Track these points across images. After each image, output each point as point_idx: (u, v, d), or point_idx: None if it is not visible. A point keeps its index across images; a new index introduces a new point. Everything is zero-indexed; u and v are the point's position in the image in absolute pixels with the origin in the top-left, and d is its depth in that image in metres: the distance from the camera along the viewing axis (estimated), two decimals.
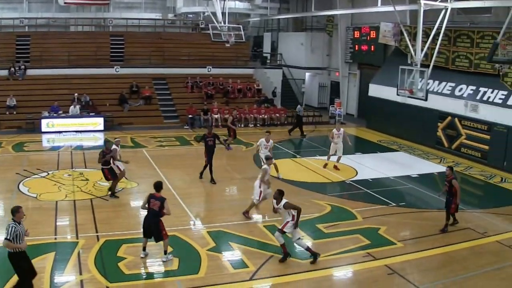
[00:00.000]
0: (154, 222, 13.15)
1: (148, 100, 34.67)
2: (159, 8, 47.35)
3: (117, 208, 17.31)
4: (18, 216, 10.79)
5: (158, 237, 13.27)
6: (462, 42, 27.90)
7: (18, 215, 10.80)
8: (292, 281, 12.61)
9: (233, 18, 46.30)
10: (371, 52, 37.07)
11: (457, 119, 27.40)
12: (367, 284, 12.67)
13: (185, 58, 39.26)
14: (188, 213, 17.09)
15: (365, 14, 36.71)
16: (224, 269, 13.13)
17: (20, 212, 10.83)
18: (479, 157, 25.94)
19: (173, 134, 30.31)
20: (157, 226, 13.17)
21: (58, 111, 30.57)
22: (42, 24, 41.80)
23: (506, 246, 15.32)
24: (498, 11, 26.87)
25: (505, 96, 25.13)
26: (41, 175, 20.77)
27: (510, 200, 20.28)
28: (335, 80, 42.58)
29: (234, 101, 36.33)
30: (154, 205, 13.10)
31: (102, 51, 37.93)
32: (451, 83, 28.50)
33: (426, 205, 19.29)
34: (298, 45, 44.98)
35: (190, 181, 20.84)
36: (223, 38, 33.24)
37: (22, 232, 10.76)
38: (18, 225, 10.68)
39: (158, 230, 13.19)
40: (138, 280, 12.30)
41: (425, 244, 15.20)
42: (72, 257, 13.20)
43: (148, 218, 13.23)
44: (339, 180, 22.18)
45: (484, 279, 13.13)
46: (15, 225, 10.62)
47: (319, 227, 16.22)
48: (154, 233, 13.23)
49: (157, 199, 13.18)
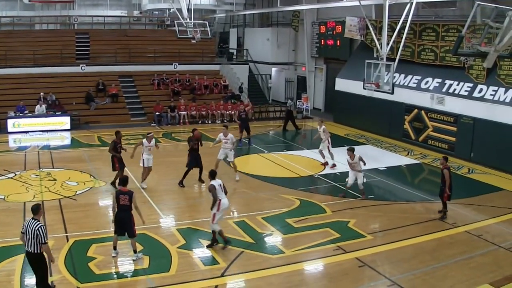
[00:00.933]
0: (127, 217, 13.01)
1: (114, 98, 34.35)
2: (125, 5, 46.92)
3: (85, 207, 17.11)
4: (40, 214, 10.81)
5: (131, 233, 13.12)
6: (427, 36, 28.23)
7: (40, 213, 10.84)
8: (264, 276, 12.61)
9: (199, 15, 46.14)
10: (337, 46, 37.26)
11: (423, 111, 27.74)
12: (338, 277, 12.74)
13: (151, 55, 39.05)
14: (157, 211, 16.99)
15: (331, 9, 36.87)
16: (195, 266, 13.09)
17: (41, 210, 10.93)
18: (446, 148, 26.28)
19: (141, 131, 30.02)
20: (130, 220, 13.04)
21: (24, 111, 30.07)
22: (7, 22, 41.05)
23: (475, 236, 15.57)
24: (462, 4, 27.30)
25: (471, 88, 25.52)
26: (8, 176, 20.40)
27: (478, 191, 20.64)
28: (302, 75, 42.74)
29: (201, 97, 36.26)
30: (123, 200, 12.94)
31: (67, 49, 37.40)
32: (417, 76, 28.83)
33: (394, 197, 19.51)
34: (264, 40, 45.01)
35: (158, 179, 20.69)
36: (189, 34, 33.05)
37: None
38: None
39: (131, 224, 13.07)
40: (109, 280, 12.17)
41: (395, 236, 15.36)
42: None
43: (120, 214, 13.03)
44: (307, 174, 22.26)
45: (454, 268, 13.31)
46: (43, 225, 10.65)
47: (288, 222, 16.27)
48: (128, 229, 13.06)
49: (125, 193, 13.03)
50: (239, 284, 12.40)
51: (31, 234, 10.47)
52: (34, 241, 10.50)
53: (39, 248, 10.56)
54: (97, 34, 41.02)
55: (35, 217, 10.68)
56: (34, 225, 10.49)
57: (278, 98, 44.33)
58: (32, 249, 10.59)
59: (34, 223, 10.52)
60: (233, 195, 19.11)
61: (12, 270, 12.24)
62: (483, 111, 24.44)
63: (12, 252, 13.24)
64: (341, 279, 12.64)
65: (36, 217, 10.69)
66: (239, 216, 16.77)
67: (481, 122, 24.52)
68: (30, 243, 10.57)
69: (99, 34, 41.25)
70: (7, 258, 12.82)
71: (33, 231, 10.45)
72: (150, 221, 15.92)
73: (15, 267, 12.43)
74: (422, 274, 12.91)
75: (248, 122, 28.60)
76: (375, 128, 31.12)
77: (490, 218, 17.21)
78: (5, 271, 12.18)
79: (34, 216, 10.69)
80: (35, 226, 10.48)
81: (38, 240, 10.47)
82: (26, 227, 10.58)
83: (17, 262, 12.65)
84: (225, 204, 14.26)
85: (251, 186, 20.00)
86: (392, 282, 12.39)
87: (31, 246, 10.59)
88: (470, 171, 23.51)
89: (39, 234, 10.44)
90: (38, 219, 10.69)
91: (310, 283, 12.60)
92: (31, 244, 10.56)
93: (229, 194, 19.12)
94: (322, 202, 18.23)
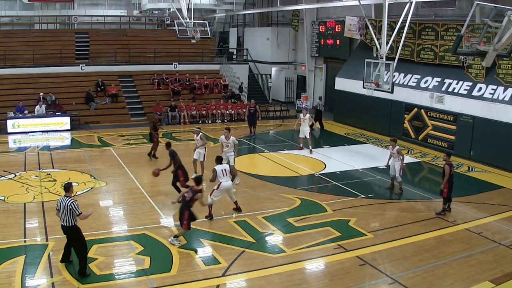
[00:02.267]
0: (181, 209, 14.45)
1: (114, 98, 34.37)
2: (124, 5, 46.95)
3: (86, 208, 16.96)
4: (71, 191, 12.42)
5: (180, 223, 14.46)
6: (426, 35, 28.25)
7: (71, 190, 12.47)
8: (265, 276, 12.63)
9: (198, 14, 46.17)
10: (337, 46, 37.29)
11: (423, 110, 27.78)
12: (339, 275, 12.77)
13: (151, 55, 39.06)
14: (157, 211, 17.01)
15: (331, 8, 36.96)
16: (196, 266, 13.10)
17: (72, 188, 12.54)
18: (445, 147, 26.31)
19: (141, 131, 30.06)
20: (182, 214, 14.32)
21: (24, 111, 30.07)
22: (6, 22, 41.04)
23: (475, 233, 15.63)
24: (461, 4, 27.38)
25: (470, 87, 25.55)
26: (8, 177, 20.39)
27: (477, 189, 20.68)
28: (302, 74, 42.79)
29: (201, 97, 36.27)
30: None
31: (67, 49, 37.38)
32: (416, 75, 28.86)
33: (394, 195, 19.52)
34: (264, 40, 45.04)
35: (158, 179, 20.66)
36: (189, 34, 33.04)
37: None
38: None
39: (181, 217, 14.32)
40: (110, 281, 12.16)
41: (395, 234, 15.41)
42: (43, 259, 13.00)
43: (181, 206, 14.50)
44: (308, 173, 22.29)
45: (454, 266, 13.34)
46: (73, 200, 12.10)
47: (289, 221, 16.29)
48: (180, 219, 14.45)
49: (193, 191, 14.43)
50: (241, 284, 12.41)
51: (65, 210, 11.91)
52: (68, 215, 11.94)
53: (72, 222, 12.03)
54: (97, 34, 41.00)
55: (67, 194, 12.20)
56: (66, 202, 11.90)
57: (278, 98, 44.38)
58: (66, 222, 12.06)
59: (66, 200, 11.95)
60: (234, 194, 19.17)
61: (13, 271, 12.24)
62: (482, 109, 24.48)
63: (13, 253, 13.25)
64: (342, 277, 12.67)
65: (68, 194, 12.20)
66: (240, 215, 16.78)
67: (480, 120, 24.56)
68: (64, 218, 12.01)
69: (99, 34, 41.22)
70: (7, 260, 12.81)
71: (66, 207, 11.87)
72: (151, 221, 16.01)
73: (16, 268, 12.42)
74: (423, 272, 12.95)
75: (255, 118, 29.92)
76: (375, 127, 31.16)
77: (489, 216, 17.28)
78: (5, 273, 12.17)
79: (66, 193, 12.23)
80: (67, 202, 11.88)
81: (71, 213, 11.91)
82: (60, 203, 12.05)
83: (18, 264, 12.66)
84: (224, 186, 16.24)
85: (252, 186, 20.03)
86: (393, 280, 12.43)
87: (64, 221, 12.05)
88: (469, 169, 23.55)
89: (72, 208, 11.88)
90: (70, 196, 12.18)
91: (311, 282, 12.61)
92: (65, 219, 12.02)
93: None
94: (322, 201, 18.27)
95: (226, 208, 17.14)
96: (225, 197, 16.84)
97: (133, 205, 17.37)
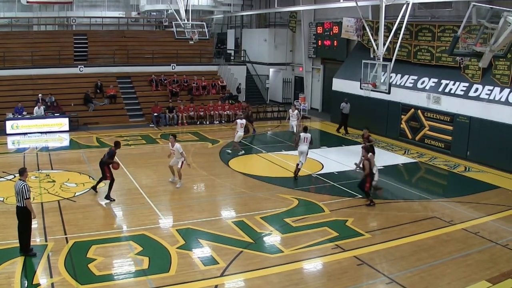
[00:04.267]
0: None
1: (113, 99, 34.43)
2: (122, 6, 47.04)
3: (85, 209, 17.17)
4: (25, 175, 13.53)
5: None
6: (423, 36, 28.35)
7: (26, 174, 13.57)
8: (263, 276, 12.70)
9: (196, 16, 46.19)
10: (334, 47, 37.35)
11: (420, 111, 27.89)
12: (337, 275, 12.84)
13: (149, 56, 39.10)
14: (156, 212, 17.07)
15: (328, 10, 37.00)
16: (195, 266, 13.16)
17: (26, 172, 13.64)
18: (442, 147, 26.46)
19: (139, 132, 30.16)
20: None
21: (22, 112, 30.10)
22: (5, 24, 41.11)
23: (472, 233, 15.71)
24: (458, 5, 27.48)
25: (466, 87, 25.67)
26: (7, 178, 20.43)
27: (474, 189, 20.78)
28: (299, 75, 42.88)
29: (199, 98, 36.33)
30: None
31: (65, 50, 37.37)
32: (413, 76, 28.97)
33: (391, 195, 19.63)
34: (261, 41, 45.13)
35: (157, 180, 20.81)
36: (186, 35, 33.08)
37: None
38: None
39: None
40: (109, 281, 12.22)
41: (392, 234, 15.50)
42: (42, 260, 13.07)
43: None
44: (305, 174, 22.37)
45: (451, 266, 13.42)
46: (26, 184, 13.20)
47: (287, 221, 16.36)
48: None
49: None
50: (239, 284, 12.49)
51: (18, 191, 13.07)
52: (20, 196, 13.06)
53: (23, 203, 13.07)
54: (95, 35, 41.03)
55: (21, 178, 13.38)
56: (20, 184, 13.07)
57: (275, 99, 44.47)
58: (19, 203, 13.15)
59: (20, 183, 13.12)
60: (231, 195, 19.28)
61: (12, 272, 12.30)
62: (479, 110, 24.59)
63: (12, 254, 13.29)
64: (340, 277, 12.74)
65: (22, 178, 13.38)
66: (237, 216, 16.87)
67: (477, 121, 24.67)
68: (18, 198, 13.15)
69: (97, 35, 41.25)
70: (6, 261, 12.86)
71: (19, 189, 13.03)
72: (149, 221, 16.07)
73: (15, 269, 12.48)
74: (420, 271, 13.03)
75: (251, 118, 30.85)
76: (372, 127, 31.02)
77: (486, 216, 17.36)
78: (5, 274, 12.22)
79: (21, 177, 13.42)
80: (20, 185, 13.05)
81: (22, 195, 13.00)
82: (15, 186, 13.22)
83: (17, 264, 12.72)
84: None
85: (250, 186, 20.10)
86: (391, 280, 12.51)
87: (19, 202, 13.14)
88: (466, 169, 23.66)
89: (23, 191, 13.00)
90: (24, 180, 13.30)
91: (309, 281, 12.68)
92: (18, 200, 13.13)
93: (227, 194, 19.46)
94: (320, 202, 18.35)
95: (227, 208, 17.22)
96: (226, 197, 16.90)
97: (132, 205, 17.43)
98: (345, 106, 31.45)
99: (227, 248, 14.18)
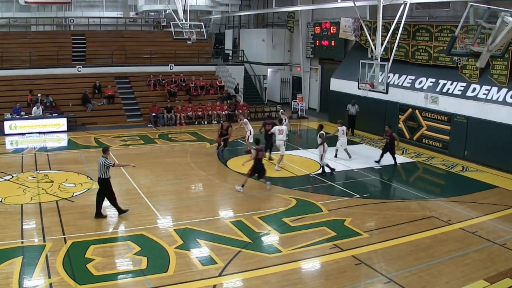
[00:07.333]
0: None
1: (111, 99, 34.43)
2: (121, 7, 47.07)
3: (83, 209, 17.15)
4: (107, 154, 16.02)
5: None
6: (421, 36, 28.39)
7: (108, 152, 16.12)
8: (261, 275, 12.71)
9: (194, 16, 46.29)
10: (332, 47, 37.40)
11: (417, 111, 27.92)
12: (335, 275, 12.85)
13: (147, 56, 39.10)
14: (154, 212, 17.08)
15: (326, 10, 37.07)
16: (193, 266, 13.16)
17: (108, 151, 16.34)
18: (440, 147, 26.50)
19: (137, 132, 30.16)
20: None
21: (20, 113, 30.09)
22: (3, 24, 41.14)
23: (470, 233, 15.73)
24: (456, 5, 27.51)
25: (464, 87, 25.70)
26: (5, 178, 20.43)
27: (471, 188, 20.80)
28: (297, 75, 42.93)
29: (197, 98, 36.33)
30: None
31: (63, 50, 37.43)
32: (411, 76, 29.00)
33: (389, 195, 19.67)
34: (259, 41, 45.12)
35: (155, 180, 20.82)
36: (184, 35, 33.11)
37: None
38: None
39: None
40: (107, 281, 12.21)
41: (390, 234, 15.51)
42: (40, 260, 13.04)
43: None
44: (303, 174, 22.39)
45: (449, 265, 13.44)
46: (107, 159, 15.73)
47: (285, 221, 16.38)
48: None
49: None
50: (237, 284, 12.50)
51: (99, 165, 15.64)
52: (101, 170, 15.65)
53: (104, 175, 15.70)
54: (93, 35, 41.08)
55: (104, 155, 15.80)
56: (102, 161, 15.60)
57: (273, 99, 44.49)
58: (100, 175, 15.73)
59: (102, 160, 15.62)
60: (229, 195, 19.26)
61: (11, 272, 12.28)
62: (476, 110, 24.63)
63: (10, 254, 13.29)
64: (338, 277, 12.75)
65: (104, 155, 15.80)
66: (235, 215, 16.88)
67: (474, 121, 24.71)
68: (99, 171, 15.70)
69: (95, 35, 41.30)
70: (5, 261, 12.86)
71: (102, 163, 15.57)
72: (148, 222, 16.08)
73: (13, 269, 12.46)
74: (418, 271, 13.04)
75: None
76: (370, 127, 31.25)
77: (484, 215, 17.39)
78: (3, 274, 12.21)
79: (103, 154, 15.84)
80: (102, 161, 15.59)
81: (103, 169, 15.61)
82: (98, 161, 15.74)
83: (15, 265, 12.71)
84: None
85: (248, 186, 20.05)
86: (389, 279, 12.52)
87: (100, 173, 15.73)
88: (464, 169, 23.70)
89: (105, 164, 15.58)
90: (106, 157, 15.80)
91: (307, 281, 12.69)
92: (100, 172, 15.70)
93: (225, 194, 19.43)
94: (318, 201, 18.36)
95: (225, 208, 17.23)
96: (224, 197, 16.90)
97: (130, 205, 17.41)
98: (351, 108, 31.15)
99: (225, 248, 14.19)
